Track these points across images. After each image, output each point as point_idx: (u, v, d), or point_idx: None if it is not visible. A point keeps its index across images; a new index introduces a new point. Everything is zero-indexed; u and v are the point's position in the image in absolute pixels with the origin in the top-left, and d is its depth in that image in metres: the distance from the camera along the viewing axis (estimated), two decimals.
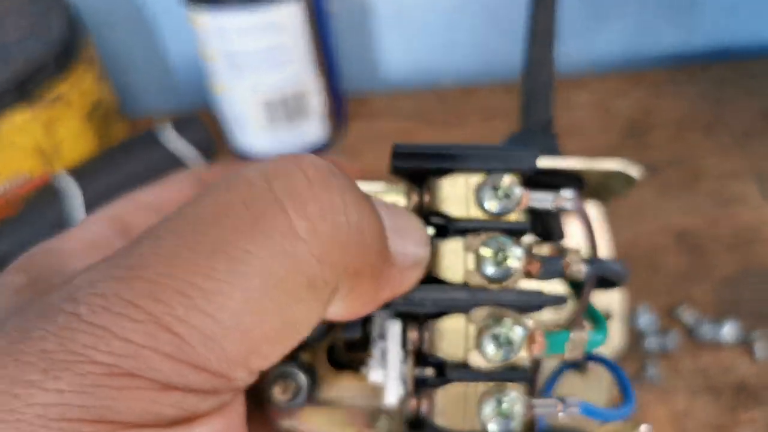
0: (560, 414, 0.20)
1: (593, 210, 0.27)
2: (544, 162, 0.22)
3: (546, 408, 0.20)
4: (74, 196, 0.53)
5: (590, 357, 0.23)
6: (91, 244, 0.22)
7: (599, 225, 0.27)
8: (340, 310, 0.18)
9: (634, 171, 0.22)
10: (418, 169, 0.21)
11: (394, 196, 0.21)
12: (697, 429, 0.43)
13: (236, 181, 0.17)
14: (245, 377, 0.17)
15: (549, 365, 0.24)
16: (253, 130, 0.57)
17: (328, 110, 0.59)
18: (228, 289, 0.16)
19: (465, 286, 0.20)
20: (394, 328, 0.20)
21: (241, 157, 0.61)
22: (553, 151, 0.28)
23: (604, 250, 0.26)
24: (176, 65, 0.67)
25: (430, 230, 0.21)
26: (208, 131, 0.57)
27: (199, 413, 0.16)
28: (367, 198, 0.18)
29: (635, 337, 0.47)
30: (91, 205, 0.52)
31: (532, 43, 0.26)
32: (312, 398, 0.23)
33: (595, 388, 0.25)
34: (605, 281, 0.22)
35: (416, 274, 0.19)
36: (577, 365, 0.24)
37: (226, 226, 0.16)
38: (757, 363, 0.45)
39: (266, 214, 0.16)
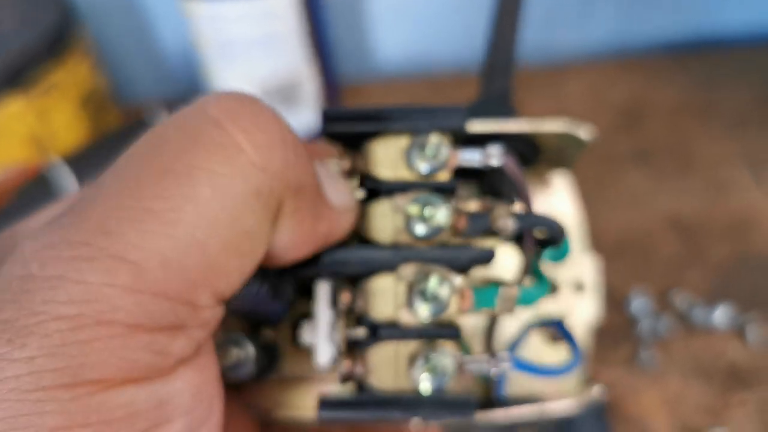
0: (492, 370, 0.20)
1: (560, 180, 0.27)
2: (491, 126, 0.21)
3: (478, 364, 0.20)
4: (68, 183, 0.53)
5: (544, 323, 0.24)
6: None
7: (567, 194, 0.27)
8: (285, 237, 0.18)
9: (581, 132, 0.22)
10: (347, 132, 0.21)
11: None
12: (689, 412, 0.43)
13: (170, 117, 0.17)
14: (210, 302, 0.17)
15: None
16: None
17: (322, 98, 0.59)
18: (180, 204, 0.16)
19: (393, 245, 0.20)
20: (323, 288, 0.20)
21: None
22: None
23: (574, 218, 0.26)
24: (169, 53, 0.67)
25: (361, 193, 0.21)
26: None
27: (172, 358, 0.16)
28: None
29: (629, 321, 0.47)
30: None
31: (497, 16, 0.26)
32: (276, 373, 0.23)
33: (564, 356, 0.25)
34: (546, 241, 0.22)
35: (348, 219, 0.20)
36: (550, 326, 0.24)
37: (169, 150, 0.16)
38: (749, 347, 0.46)
39: (205, 131, 0.16)
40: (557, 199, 0.27)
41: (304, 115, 0.58)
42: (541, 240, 0.22)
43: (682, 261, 0.50)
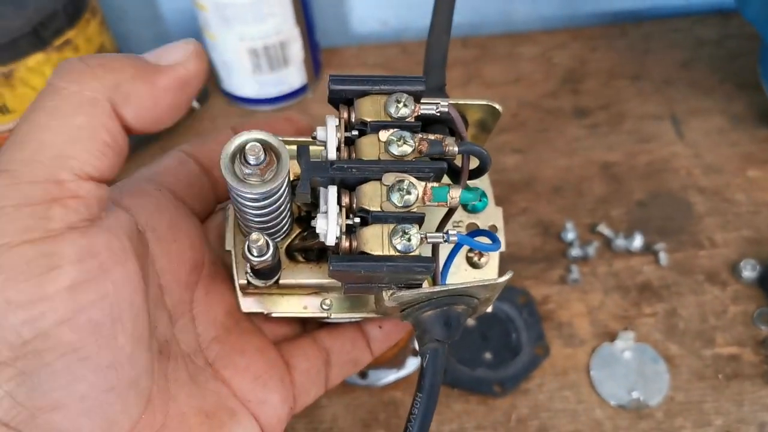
0: (443, 242, 0.29)
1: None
2: (440, 101, 0.31)
3: (435, 239, 0.29)
4: None
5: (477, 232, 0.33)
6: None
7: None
8: (133, 109, 0.26)
9: (497, 105, 0.32)
10: (348, 89, 0.30)
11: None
12: (607, 319, 0.53)
13: None
14: (72, 178, 0.24)
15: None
16: (240, 75, 0.65)
17: (306, 59, 0.67)
18: (31, 128, 0.25)
19: (377, 161, 0.29)
20: (332, 190, 0.29)
21: (231, 100, 0.68)
22: None
23: (487, 185, 0.36)
24: (171, 14, 0.74)
25: (355, 132, 0.30)
26: None
27: (57, 223, 0.24)
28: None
29: (562, 247, 0.56)
30: None
31: (432, 29, 0.35)
32: (277, 283, 0.32)
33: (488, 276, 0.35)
34: (476, 171, 0.31)
35: (188, 66, 0.27)
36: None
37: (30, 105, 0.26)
38: (661, 268, 0.55)
39: (46, 90, 0.26)
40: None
41: (293, 72, 0.66)
42: (474, 170, 0.31)
43: (608, 199, 0.60)
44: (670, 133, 0.64)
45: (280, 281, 0.33)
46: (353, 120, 0.30)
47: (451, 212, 0.32)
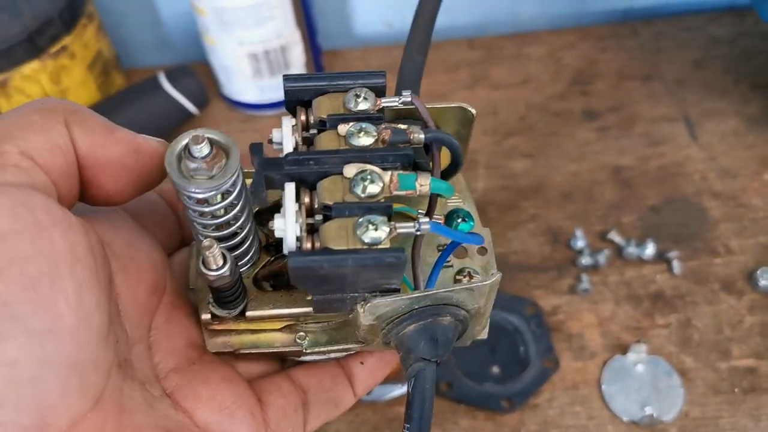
0: (414, 232, 0.26)
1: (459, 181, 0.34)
2: (417, 105, 0.29)
3: (405, 229, 0.26)
4: None
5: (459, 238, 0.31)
6: None
7: (466, 193, 0.34)
8: (85, 137, 0.26)
9: (471, 108, 0.30)
10: (304, 87, 0.29)
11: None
12: (619, 330, 0.51)
13: None
14: (13, 150, 0.24)
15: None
16: (240, 80, 0.64)
17: (308, 62, 0.65)
18: None
19: (338, 150, 0.27)
20: (289, 187, 0.27)
21: (232, 106, 0.67)
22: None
23: (473, 210, 0.33)
24: (171, 19, 0.72)
25: (314, 131, 0.28)
26: (200, 81, 0.64)
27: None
28: None
29: (572, 255, 0.55)
30: None
31: (412, 31, 0.34)
32: (243, 314, 0.30)
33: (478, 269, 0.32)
34: (449, 168, 0.29)
35: (142, 157, 0.27)
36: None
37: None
38: (675, 277, 0.53)
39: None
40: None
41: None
42: (446, 169, 0.29)
43: (619, 205, 0.58)
44: (683, 135, 0.62)
45: (248, 313, 0.30)
46: (311, 121, 0.29)
47: (431, 204, 0.29)
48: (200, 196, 0.26)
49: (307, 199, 0.27)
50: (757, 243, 0.54)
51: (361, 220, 0.26)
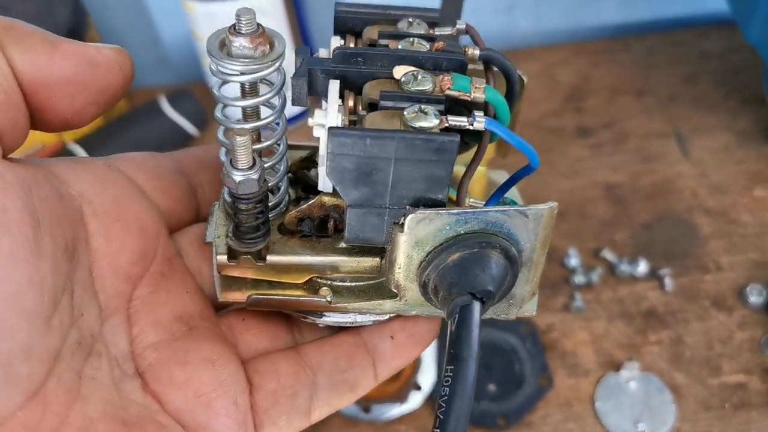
0: (468, 126, 0.24)
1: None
2: (471, 30, 0.27)
3: (458, 122, 0.24)
4: None
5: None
6: None
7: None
8: (23, 54, 0.23)
9: (524, 74, 0.29)
10: (355, 14, 0.27)
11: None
12: (612, 348, 0.52)
13: None
14: None
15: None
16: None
17: None
18: None
19: (388, 48, 0.25)
20: (334, 83, 0.25)
21: None
22: None
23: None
24: (171, 39, 0.73)
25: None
26: (198, 104, 0.65)
27: None
28: None
29: (566, 273, 0.56)
30: None
31: None
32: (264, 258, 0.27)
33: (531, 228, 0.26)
34: (506, 96, 0.27)
35: (96, 70, 0.24)
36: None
37: None
38: (666, 294, 0.55)
39: None
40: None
41: (289, 96, 0.66)
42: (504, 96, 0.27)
43: (612, 222, 0.59)
44: (674, 151, 0.64)
45: (269, 257, 0.27)
46: (362, 102, 0.26)
47: (480, 148, 0.26)
48: (241, 78, 0.25)
49: (351, 102, 0.25)
50: (747, 259, 0.56)
51: (410, 107, 0.24)
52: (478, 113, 0.24)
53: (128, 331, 0.26)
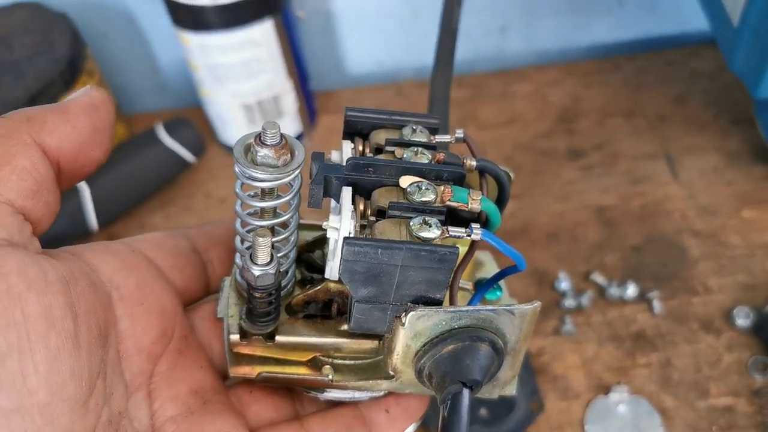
0: (465, 237, 0.27)
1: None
2: (468, 138, 0.31)
3: (457, 233, 0.27)
4: (83, 191, 0.61)
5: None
6: None
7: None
8: (52, 135, 0.26)
9: (510, 171, 0.31)
10: (363, 119, 0.30)
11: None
12: (602, 371, 0.53)
13: None
14: None
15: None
16: (234, 128, 0.66)
17: (300, 108, 0.68)
18: None
19: (395, 159, 0.29)
20: (347, 190, 0.28)
21: (228, 151, 0.70)
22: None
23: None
24: (168, 69, 0.75)
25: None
26: (196, 132, 0.66)
27: None
28: None
29: (556, 297, 0.57)
30: (99, 199, 0.61)
31: (435, 68, 0.38)
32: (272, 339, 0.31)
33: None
34: (497, 201, 0.30)
35: (100, 111, 0.28)
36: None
37: None
38: (655, 316, 0.56)
39: None
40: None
41: (287, 123, 0.67)
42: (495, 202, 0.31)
43: (602, 245, 0.60)
44: (664, 173, 0.64)
45: (277, 337, 0.31)
46: (367, 151, 0.30)
47: (472, 248, 0.30)
48: (263, 184, 0.27)
49: (361, 207, 0.28)
50: (735, 281, 0.56)
51: (415, 218, 0.27)
52: (475, 225, 0.27)
53: (150, 406, 0.29)
